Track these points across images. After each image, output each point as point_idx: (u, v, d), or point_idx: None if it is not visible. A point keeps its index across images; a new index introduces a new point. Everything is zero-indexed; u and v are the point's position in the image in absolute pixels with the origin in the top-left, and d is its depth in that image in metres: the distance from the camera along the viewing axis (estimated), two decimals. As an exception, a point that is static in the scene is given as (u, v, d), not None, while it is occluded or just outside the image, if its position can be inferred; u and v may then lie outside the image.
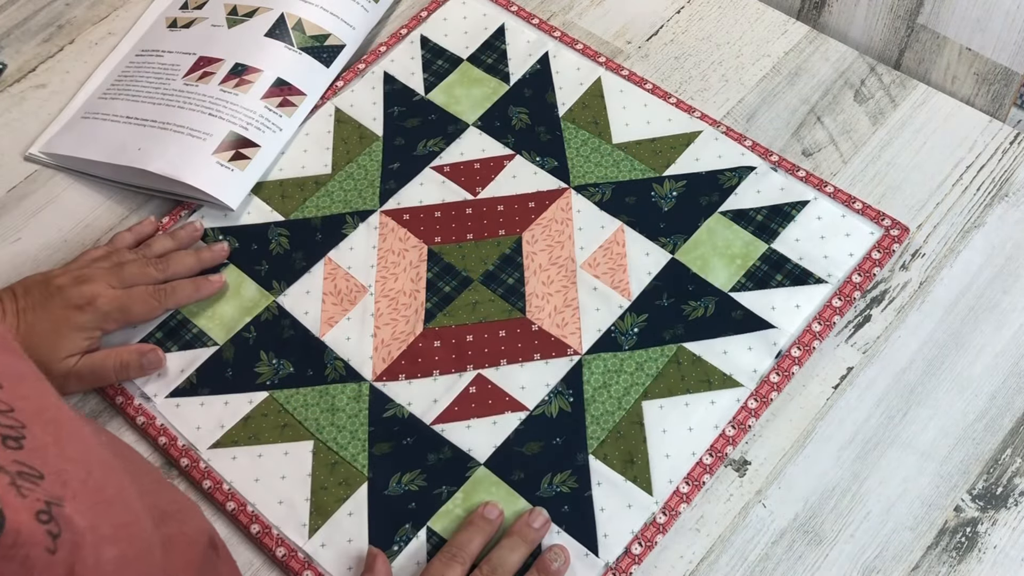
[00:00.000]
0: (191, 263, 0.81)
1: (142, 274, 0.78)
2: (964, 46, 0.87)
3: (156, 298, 0.78)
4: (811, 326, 0.76)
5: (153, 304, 0.78)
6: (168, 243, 0.83)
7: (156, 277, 0.79)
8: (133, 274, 0.78)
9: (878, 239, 0.80)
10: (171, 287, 0.79)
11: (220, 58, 0.90)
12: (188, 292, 0.80)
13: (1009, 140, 0.85)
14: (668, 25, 0.95)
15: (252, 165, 0.85)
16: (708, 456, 0.72)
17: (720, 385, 0.74)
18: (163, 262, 0.80)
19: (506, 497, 0.71)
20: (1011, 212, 0.82)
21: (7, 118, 0.93)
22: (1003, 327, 0.76)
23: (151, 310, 0.78)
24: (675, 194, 0.83)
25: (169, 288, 0.79)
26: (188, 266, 0.81)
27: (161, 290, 0.78)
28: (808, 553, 0.69)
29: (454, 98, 0.91)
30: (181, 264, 0.81)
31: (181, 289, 0.79)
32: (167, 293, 0.79)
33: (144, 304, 0.77)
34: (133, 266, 0.78)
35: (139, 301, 0.77)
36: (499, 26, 0.95)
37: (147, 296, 0.78)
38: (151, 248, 0.82)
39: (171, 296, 0.79)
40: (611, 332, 0.77)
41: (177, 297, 0.79)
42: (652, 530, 0.69)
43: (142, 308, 0.78)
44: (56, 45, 0.98)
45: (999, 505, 0.70)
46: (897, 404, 0.74)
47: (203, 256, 0.82)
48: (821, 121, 0.87)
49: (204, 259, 0.82)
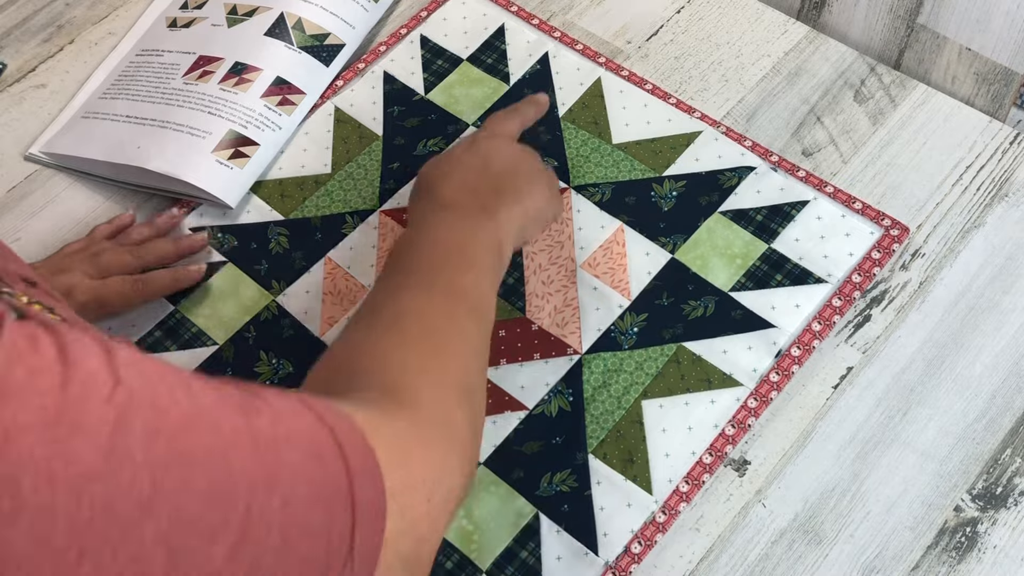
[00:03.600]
0: (169, 251, 0.81)
1: (118, 261, 0.78)
2: (964, 46, 0.87)
3: (133, 287, 0.77)
4: (811, 325, 0.76)
5: (129, 293, 0.77)
6: (145, 231, 0.82)
7: (132, 264, 0.79)
8: (109, 262, 0.78)
9: (878, 239, 0.80)
10: (148, 276, 0.78)
11: (220, 57, 0.90)
12: (166, 282, 0.79)
13: (1009, 140, 0.85)
14: (668, 25, 0.95)
15: (251, 163, 0.85)
16: (708, 455, 0.71)
17: (720, 384, 0.74)
18: (140, 249, 0.80)
19: (506, 496, 0.71)
20: (1011, 212, 0.82)
21: (7, 118, 0.93)
22: (1003, 327, 0.76)
23: (128, 300, 0.77)
24: (675, 194, 0.83)
25: (147, 277, 0.78)
26: (165, 253, 0.81)
27: (139, 279, 0.78)
28: (808, 553, 0.69)
29: (454, 98, 0.91)
30: (158, 252, 0.80)
31: (159, 278, 0.78)
32: (144, 282, 0.78)
33: (120, 294, 0.77)
34: (109, 254, 0.78)
35: (115, 291, 0.76)
36: (499, 26, 0.95)
37: (123, 286, 0.77)
38: (128, 236, 0.81)
39: (148, 285, 0.78)
40: (611, 332, 0.77)
41: (154, 286, 0.78)
42: (652, 529, 0.69)
43: (118, 298, 0.77)
44: (56, 45, 0.98)
45: (999, 505, 0.70)
46: (897, 404, 0.74)
47: (181, 244, 0.81)
48: (821, 121, 0.87)
49: (182, 247, 0.81)
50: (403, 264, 0.65)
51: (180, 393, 0.36)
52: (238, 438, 0.37)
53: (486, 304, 0.63)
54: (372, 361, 0.55)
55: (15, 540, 0.29)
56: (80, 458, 0.31)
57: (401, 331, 0.57)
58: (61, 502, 0.31)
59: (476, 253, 0.65)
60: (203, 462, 0.35)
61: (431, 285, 0.61)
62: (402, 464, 0.46)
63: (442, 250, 0.65)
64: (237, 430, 0.37)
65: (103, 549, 0.31)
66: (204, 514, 0.35)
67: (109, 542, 0.32)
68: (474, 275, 0.63)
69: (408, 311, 0.59)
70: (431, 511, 0.47)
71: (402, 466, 0.46)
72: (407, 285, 0.62)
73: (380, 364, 0.54)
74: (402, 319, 0.58)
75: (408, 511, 0.45)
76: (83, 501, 0.31)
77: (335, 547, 0.40)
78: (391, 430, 0.47)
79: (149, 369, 0.36)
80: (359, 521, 0.41)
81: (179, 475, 0.34)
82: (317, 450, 0.41)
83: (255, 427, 0.38)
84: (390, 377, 0.53)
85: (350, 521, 0.41)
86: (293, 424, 0.40)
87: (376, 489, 0.43)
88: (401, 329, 0.57)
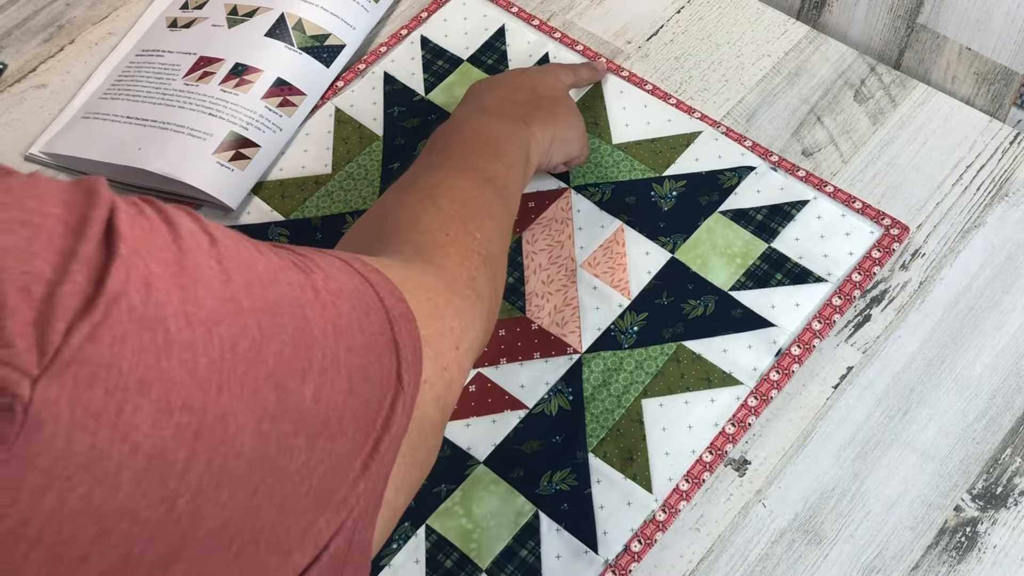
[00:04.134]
0: None
1: None
2: (964, 46, 0.87)
3: None
4: (811, 324, 0.76)
5: None
6: None
7: None
8: None
9: (878, 238, 0.80)
10: None
11: (220, 58, 0.90)
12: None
13: (1009, 140, 0.85)
14: (668, 25, 0.95)
15: (252, 165, 0.85)
16: (708, 454, 0.71)
17: (720, 383, 0.74)
18: None
19: (505, 495, 0.71)
20: (1011, 212, 0.82)
21: (7, 118, 0.93)
22: (1003, 327, 0.76)
23: None
24: (675, 194, 0.83)
25: None
26: None
27: None
28: (808, 553, 0.69)
29: (454, 98, 0.91)
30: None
31: None
32: None
33: None
34: None
35: None
36: (499, 27, 0.95)
37: None
38: None
39: None
40: (611, 331, 0.77)
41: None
42: (652, 528, 0.69)
43: None
44: (56, 45, 0.98)
45: (999, 505, 0.70)
46: (897, 404, 0.74)
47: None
48: (821, 121, 0.87)
49: None
50: (440, 146, 0.72)
51: (255, 253, 0.40)
52: (306, 294, 0.41)
53: (512, 191, 0.69)
54: (405, 223, 0.61)
55: (172, 369, 0.33)
56: (204, 303, 0.35)
57: (434, 200, 0.63)
58: (199, 339, 0.34)
59: (509, 148, 0.72)
60: (288, 311, 0.39)
61: (464, 166, 0.68)
62: (433, 315, 0.51)
63: (479, 139, 0.71)
64: (304, 287, 0.41)
65: (235, 383, 0.35)
66: (295, 357, 0.38)
67: (238, 378, 0.35)
68: (504, 165, 0.69)
69: (440, 183, 0.65)
70: (459, 357, 0.53)
71: (434, 317, 0.51)
72: (442, 164, 0.68)
73: (411, 225, 0.60)
74: (435, 190, 0.64)
75: (440, 356, 0.50)
76: (213, 340, 0.35)
77: (387, 388, 0.44)
78: (423, 285, 0.52)
79: (228, 231, 0.40)
80: (403, 365, 0.45)
81: (274, 321, 0.38)
82: (364, 302, 0.45)
83: (315, 283, 0.42)
84: (421, 239, 0.59)
85: (396, 365, 0.45)
86: (342, 281, 0.44)
87: (413, 336, 0.47)
88: (434, 198, 0.63)
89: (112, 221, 0.34)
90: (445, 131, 0.73)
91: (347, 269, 0.46)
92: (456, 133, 0.73)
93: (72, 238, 0.33)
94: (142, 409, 0.32)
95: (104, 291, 0.32)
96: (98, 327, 0.32)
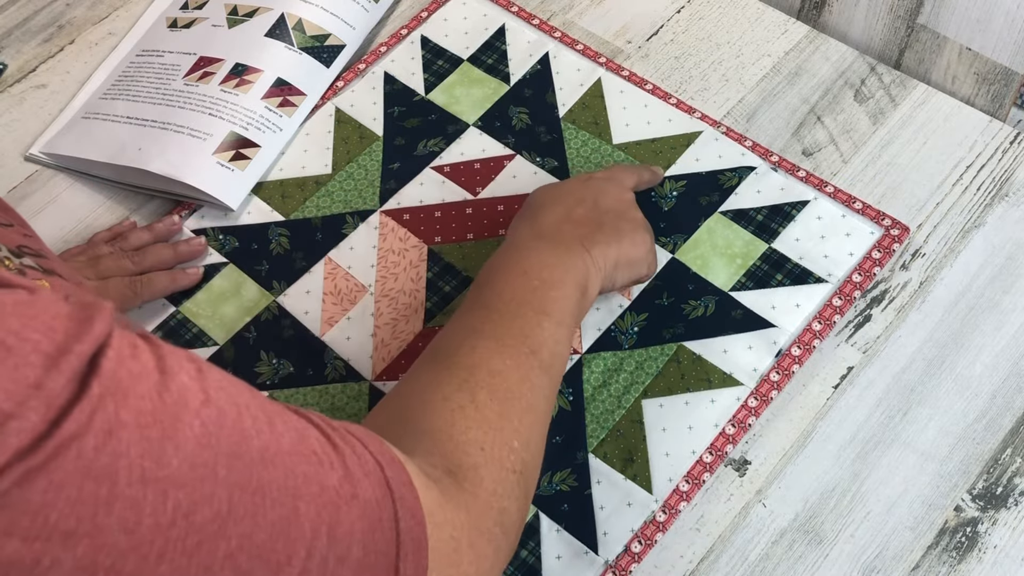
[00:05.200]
0: (167, 256, 0.82)
1: (117, 267, 0.79)
2: (964, 46, 0.87)
3: (132, 288, 0.78)
4: (811, 325, 0.76)
5: (128, 294, 0.78)
6: (145, 236, 0.83)
7: (131, 269, 0.80)
8: (108, 267, 0.79)
9: (878, 239, 0.80)
10: (147, 278, 0.79)
11: (220, 58, 0.90)
12: (164, 283, 0.80)
13: (1009, 140, 0.85)
14: (668, 25, 0.95)
15: (252, 165, 0.85)
16: (708, 454, 0.71)
17: (720, 384, 0.74)
18: (139, 255, 0.81)
19: (506, 496, 0.71)
20: (1011, 212, 0.82)
21: (7, 118, 0.93)
22: (1003, 327, 0.76)
23: (127, 300, 0.78)
24: (675, 194, 0.83)
25: (145, 279, 0.79)
26: (164, 259, 0.81)
27: (137, 280, 0.79)
28: (808, 553, 0.69)
29: (454, 98, 0.91)
30: (157, 257, 0.81)
31: (157, 280, 0.80)
32: (143, 283, 0.79)
33: (119, 294, 0.78)
34: (109, 259, 0.79)
35: (114, 292, 0.77)
36: (499, 26, 0.95)
37: (123, 287, 0.78)
38: (127, 241, 0.82)
39: (147, 286, 0.79)
40: (611, 331, 0.77)
41: (153, 288, 0.79)
42: (652, 528, 0.69)
43: (117, 300, 0.77)
44: (56, 45, 0.98)
45: (999, 505, 0.70)
46: (897, 404, 0.74)
47: (180, 249, 0.82)
48: (821, 121, 0.87)
49: (181, 252, 0.82)
50: (486, 297, 0.65)
51: (263, 426, 0.37)
52: (308, 487, 0.38)
53: (560, 354, 0.64)
54: (439, 424, 0.55)
55: (108, 527, 0.31)
56: (168, 462, 0.33)
57: (472, 394, 0.57)
58: (150, 499, 0.32)
59: (562, 289, 0.65)
60: (275, 498, 0.36)
61: (507, 335, 0.61)
62: (451, 560, 0.47)
63: (528, 287, 0.65)
64: (308, 479, 0.38)
65: (181, 554, 0.33)
66: (270, 546, 0.36)
67: (186, 549, 0.33)
68: (554, 323, 0.63)
69: (479, 366, 0.59)
70: None
71: (451, 562, 0.47)
72: (483, 332, 0.62)
73: (446, 432, 0.54)
74: (474, 376, 0.58)
75: None
76: (167, 503, 0.33)
77: None
78: (451, 520, 0.48)
79: (237, 395, 0.37)
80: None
81: (252, 502, 0.35)
82: (377, 517, 0.42)
83: (325, 481, 0.39)
84: (454, 452, 0.53)
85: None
86: (361, 488, 0.41)
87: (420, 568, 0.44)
88: (472, 390, 0.57)
89: (97, 358, 0.32)
90: (495, 268, 0.67)
91: (376, 476, 0.43)
92: (504, 275, 0.66)
93: (43, 369, 0.31)
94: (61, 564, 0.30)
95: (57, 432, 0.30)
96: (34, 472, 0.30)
